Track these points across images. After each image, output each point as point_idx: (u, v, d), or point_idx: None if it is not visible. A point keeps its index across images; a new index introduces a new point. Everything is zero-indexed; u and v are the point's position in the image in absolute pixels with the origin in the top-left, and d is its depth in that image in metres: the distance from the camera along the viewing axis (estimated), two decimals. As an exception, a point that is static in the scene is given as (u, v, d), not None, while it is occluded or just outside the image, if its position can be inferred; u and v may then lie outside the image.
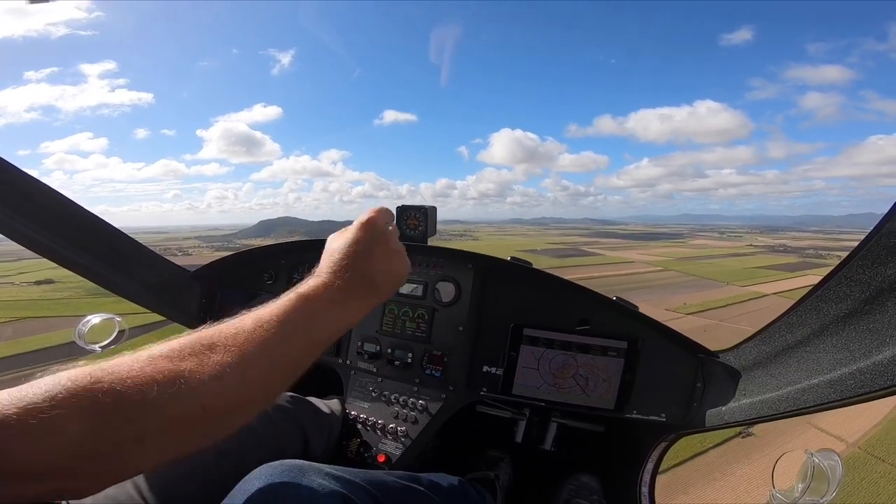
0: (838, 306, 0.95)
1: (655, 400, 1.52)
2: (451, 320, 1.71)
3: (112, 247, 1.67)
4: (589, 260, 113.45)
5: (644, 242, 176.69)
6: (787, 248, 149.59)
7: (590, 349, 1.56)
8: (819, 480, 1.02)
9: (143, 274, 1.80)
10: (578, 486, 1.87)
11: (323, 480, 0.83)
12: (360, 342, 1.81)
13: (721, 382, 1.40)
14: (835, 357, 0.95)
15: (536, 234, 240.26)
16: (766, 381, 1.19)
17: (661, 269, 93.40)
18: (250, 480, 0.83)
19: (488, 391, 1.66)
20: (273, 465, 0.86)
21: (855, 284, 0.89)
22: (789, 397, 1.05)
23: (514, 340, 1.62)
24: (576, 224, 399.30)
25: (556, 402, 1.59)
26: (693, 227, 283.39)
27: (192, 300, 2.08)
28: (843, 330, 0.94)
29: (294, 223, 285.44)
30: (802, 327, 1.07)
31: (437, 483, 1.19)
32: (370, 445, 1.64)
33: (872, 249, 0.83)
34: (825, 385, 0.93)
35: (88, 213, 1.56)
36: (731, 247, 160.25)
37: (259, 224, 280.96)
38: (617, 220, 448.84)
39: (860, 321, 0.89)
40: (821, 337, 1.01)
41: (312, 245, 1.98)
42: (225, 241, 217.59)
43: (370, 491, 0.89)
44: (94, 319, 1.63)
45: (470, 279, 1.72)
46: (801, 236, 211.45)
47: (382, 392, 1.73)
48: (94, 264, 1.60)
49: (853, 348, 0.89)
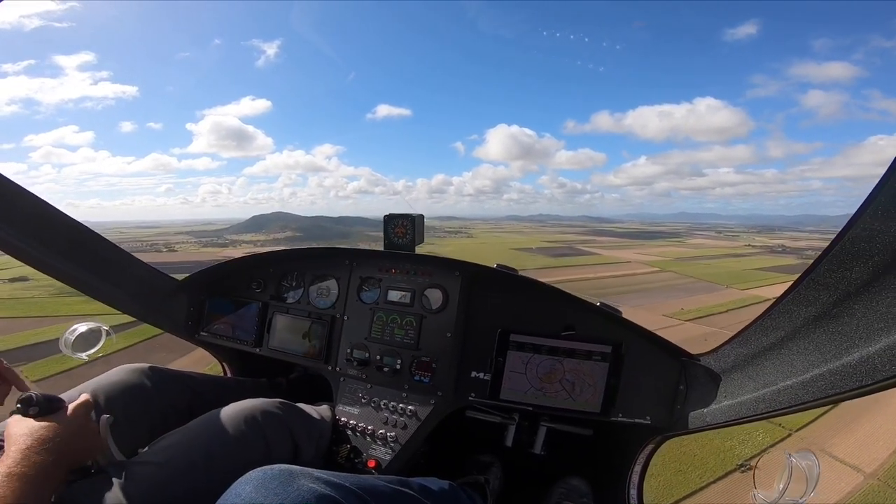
0: (808, 309, 0.99)
1: (640, 403, 1.55)
2: (440, 327, 1.73)
3: (98, 255, 1.67)
4: (584, 259, 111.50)
5: (641, 241, 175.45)
6: (785, 249, 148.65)
7: (575, 354, 1.59)
8: (798, 481, 1.08)
9: (129, 283, 1.80)
10: (568, 490, 1.89)
11: (313, 485, 0.86)
12: (349, 349, 1.82)
13: (703, 385, 1.43)
14: (807, 359, 0.99)
15: (532, 232, 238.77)
16: (745, 382, 1.24)
17: (658, 271, 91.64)
18: (240, 485, 0.86)
19: (477, 396, 1.68)
20: (263, 470, 0.89)
21: (823, 288, 0.93)
22: (766, 398, 1.09)
23: (502, 346, 1.64)
24: (572, 222, 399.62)
25: (544, 406, 1.62)
26: (690, 226, 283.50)
27: (179, 309, 2.07)
28: (814, 332, 0.99)
29: (287, 218, 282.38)
30: (776, 330, 1.11)
31: (427, 487, 1.21)
32: (360, 451, 1.67)
33: (838, 254, 0.87)
34: (799, 386, 0.98)
35: (73, 220, 1.54)
36: (728, 247, 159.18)
37: (251, 219, 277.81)
38: (613, 218, 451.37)
39: (830, 324, 0.94)
40: (794, 339, 1.06)
41: (300, 253, 2.01)
42: (215, 235, 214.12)
43: (360, 495, 0.92)
44: (81, 328, 1.62)
45: (457, 286, 1.73)
46: (798, 236, 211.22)
47: (372, 398, 1.75)
48: (80, 274, 1.60)
49: (824, 350, 0.94)
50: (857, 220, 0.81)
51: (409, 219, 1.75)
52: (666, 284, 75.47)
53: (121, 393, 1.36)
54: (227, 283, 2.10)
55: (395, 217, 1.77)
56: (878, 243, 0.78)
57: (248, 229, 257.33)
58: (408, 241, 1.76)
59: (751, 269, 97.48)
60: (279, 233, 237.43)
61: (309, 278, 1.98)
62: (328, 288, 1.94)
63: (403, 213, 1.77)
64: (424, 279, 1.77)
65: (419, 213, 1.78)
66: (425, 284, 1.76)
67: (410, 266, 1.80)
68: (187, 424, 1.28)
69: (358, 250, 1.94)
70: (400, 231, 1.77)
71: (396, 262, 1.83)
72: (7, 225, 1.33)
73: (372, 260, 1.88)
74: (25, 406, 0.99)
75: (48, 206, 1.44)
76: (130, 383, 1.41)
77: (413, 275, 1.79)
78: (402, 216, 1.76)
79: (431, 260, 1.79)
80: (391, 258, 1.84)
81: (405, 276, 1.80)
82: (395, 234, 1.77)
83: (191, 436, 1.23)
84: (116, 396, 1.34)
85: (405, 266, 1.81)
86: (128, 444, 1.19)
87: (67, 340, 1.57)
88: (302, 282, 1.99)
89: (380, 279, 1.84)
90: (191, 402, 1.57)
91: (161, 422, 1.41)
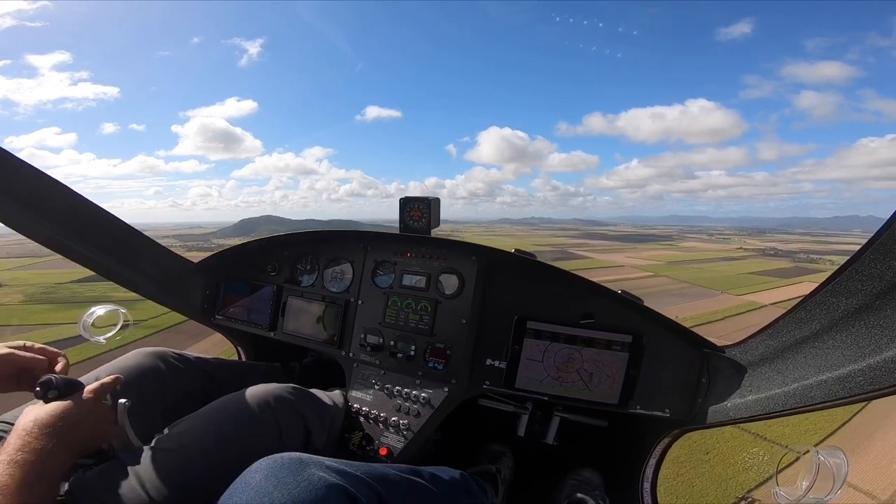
0: (848, 301, 0.94)
1: (659, 395, 1.53)
2: (455, 313, 1.71)
3: (117, 239, 1.67)
4: (577, 264, 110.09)
5: (633, 245, 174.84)
6: (777, 252, 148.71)
7: (594, 343, 1.56)
8: (824, 479, 1.02)
9: (146, 266, 1.80)
10: (580, 481, 1.88)
11: (324, 473, 0.86)
12: (363, 334, 1.82)
13: (726, 378, 1.39)
14: (844, 353, 0.95)
15: (525, 235, 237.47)
16: (773, 376, 1.20)
17: (651, 275, 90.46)
18: (250, 473, 0.85)
19: (491, 385, 1.67)
20: (274, 458, 0.88)
21: (866, 279, 0.89)
22: (796, 393, 1.05)
23: (518, 333, 1.63)
24: (565, 224, 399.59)
25: (560, 396, 1.60)
26: (682, 229, 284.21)
27: (195, 292, 2.08)
28: (853, 325, 0.94)
29: (275, 222, 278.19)
30: (811, 322, 1.06)
31: (438, 476, 1.21)
32: (372, 438, 1.66)
33: (885, 243, 0.83)
34: (834, 381, 0.93)
35: (94, 205, 1.54)
36: (721, 250, 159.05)
37: (239, 223, 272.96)
38: (606, 221, 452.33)
39: (871, 316, 0.89)
40: (830, 332, 1.01)
41: (316, 237, 2.00)
42: (202, 239, 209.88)
43: (371, 484, 0.92)
44: (99, 311, 1.60)
45: (473, 271, 1.72)
46: (789, 239, 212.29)
47: (385, 385, 1.74)
48: (100, 257, 1.60)
49: (863, 344, 0.90)
50: None
51: (426, 202, 1.76)
52: (660, 290, 74.16)
53: (137, 376, 1.37)
54: (242, 265, 2.10)
55: (411, 200, 1.79)
56: None
57: (236, 233, 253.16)
58: (423, 224, 1.78)
59: (745, 273, 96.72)
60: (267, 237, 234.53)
61: (324, 262, 1.98)
62: (342, 272, 1.94)
63: (419, 196, 1.78)
64: (440, 263, 1.77)
65: (435, 197, 1.79)
66: (441, 269, 1.76)
67: (426, 250, 1.80)
68: (201, 409, 1.28)
69: (373, 233, 1.92)
70: (416, 214, 1.78)
71: (412, 245, 1.83)
72: (31, 211, 1.33)
73: (387, 243, 1.88)
74: (44, 390, 0.97)
75: (69, 191, 1.43)
76: (146, 367, 1.42)
77: (428, 259, 1.79)
78: (419, 199, 1.78)
79: (447, 244, 1.78)
80: (406, 241, 1.84)
81: (420, 261, 1.80)
82: (412, 217, 1.79)
83: (204, 421, 1.23)
84: (132, 380, 1.33)
85: (420, 250, 1.81)
86: (142, 429, 1.17)
87: (86, 323, 1.53)
88: (317, 265, 1.99)
89: (395, 263, 1.84)
90: (205, 386, 1.57)
91: (175, 406, 1.41)
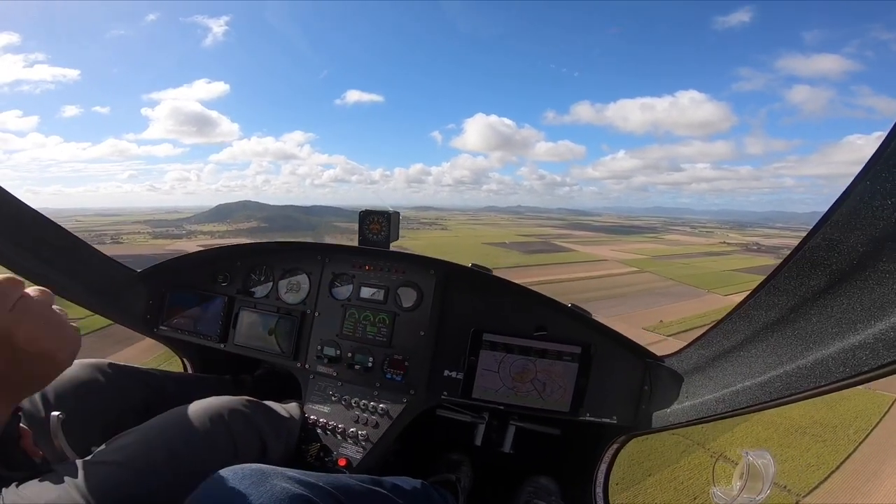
0: (767, 314, 1.04)
1: (607, 402, 1.60)
2: (413, 325, 1.75)
3: (51, 244, 1.61)
4: (560, 257, 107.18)
5: (617, 236, 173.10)
6: (760, 247, 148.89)
7: (547, 354, 1.63)
8: (754, 479, 1.11)
9: (83, 273, 1.74)
10: (537, 488, 1.93)
11: (286, 484, 0.84)
12: (319, 346, 1.82)
13: (666, 386, 1.48)
14: (765, 361, 1.04)
15: (509, 224, 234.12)
16: (705, 383, 1.28)
17: (636, 271, 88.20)
18: (209, 485, 0.84)
19: (449, 395, 1.71)
20: (233, 469, 0.86)
21: (782, 294, 0.99)
22: (725, 399, 1.14)
23: (475, 345, 1.67)
24: (550, 214, 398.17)
25: (515, 405, 1.66)
26: (665, 221, 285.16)
27: (137, 301, 2.02)
28: (772, 336, 1.04)
29: (253, 207, 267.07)
30: (736, 333, 1.16)
31: (399, 486, 1.22)
32: (330, 450, 1.68)
33: (798, 262, 0.92)
34: (757, 387, 1.03)
35: (27, 206, 1.48)
36: (704, 244, 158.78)
37: (216, 208, 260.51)
38: (591, 211, 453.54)
39: (787, 328, 0.99)
40: (752, 342, 1.11)
41: (270, 247, 1.99)
42: (174, 225, 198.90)
43: (334, 494, 0.91)
44: None
45: (431, 284, 1.75)
46: (770, 233, 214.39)
47: (342, 396, 1.76)
48: (31, 263, 1.53)
49: (781, 353, 0.99)
50: (818, 229, 0.85)
51: (385, 216, 1.77)
52: (645, 288, 71.46)
53: (73, 389, 1.31)
54: (190, 275, 2.06)
55: (370, 213, 1.79)
56: (837, 253, 0.82)
57: (211, 219, 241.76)
58: (382, 238, 1.79)
59: (729, 270, 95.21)
60: (243, 223, 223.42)
61: (279, 272, 1.97)
62: (299, 283, 1.94)
63: (379, 210, 1.79)
64: (398, 277, 1.79)
65: (395, 210, 1.81)
66: (399, 282, 1.78)
67: (385, 263, 1.82)
68: (147, 422, 1.22)
69: (331, 246, 1.94)
70: (375, 227, 1.78)
71: (370, 258, 1.84)
72: None
73: (345, 256, 1.89)
74: None
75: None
76: (83, 379, 1.36)
77: (387, 272, 1.81)
78: (378, 212, 1.78)
79: (406, 258, 1.81)
80: (365, 254, 1.85)
81: (379, 274, 1.82)
82: (370, 230, 1.79)
83: (151, 434, 1.17)
84: (68, 392, 1.29)
85: (379, 263, 1.83)
86: (80, 443, 1.12)
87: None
88: (271, 276, 1.98)
89: (353, 275, 1.86)
90: (149, 399, 1.51)
91: (116, 420, 1.35)
